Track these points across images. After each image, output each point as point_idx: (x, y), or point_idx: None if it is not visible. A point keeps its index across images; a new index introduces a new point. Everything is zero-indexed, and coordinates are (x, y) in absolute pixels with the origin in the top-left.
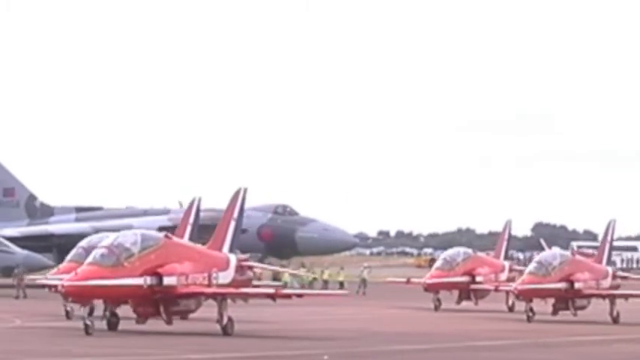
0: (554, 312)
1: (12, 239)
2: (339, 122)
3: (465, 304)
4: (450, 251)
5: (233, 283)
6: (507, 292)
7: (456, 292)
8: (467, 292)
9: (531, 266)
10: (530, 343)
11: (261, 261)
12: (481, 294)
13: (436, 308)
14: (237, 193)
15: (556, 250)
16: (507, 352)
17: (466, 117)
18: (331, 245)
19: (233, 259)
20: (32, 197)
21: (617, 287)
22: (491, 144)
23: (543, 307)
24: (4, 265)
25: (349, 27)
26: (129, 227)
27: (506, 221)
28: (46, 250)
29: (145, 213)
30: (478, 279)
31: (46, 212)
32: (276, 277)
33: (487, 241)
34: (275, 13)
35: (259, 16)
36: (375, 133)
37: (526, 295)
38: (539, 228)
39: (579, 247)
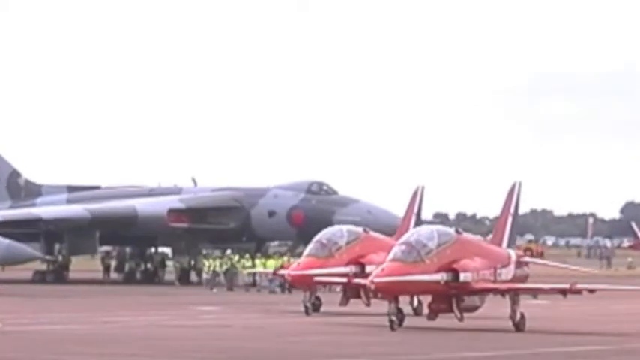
0: (432, 315)
1: None
2: (387, 91)
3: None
4: (329, 230)
5: None
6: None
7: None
8: (355, 288)
9: (397, 249)
10: (616, 350)
11: (291, 250)
12: None
13: (307, 311)
14: None
15: (434, 226)
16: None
17: (539, 83)
18: (377, 231)
19: None
20: (15, 174)
21: (523, 278)
22: (568, 115)
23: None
24: None
25: None
26: (131, 210)
27: (416, 187)
28: (32, 238)
29: (152, 193)
30: (370, 269)
31: (32, 192)
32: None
33: (568, 225)
34: None
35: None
36: (431, 102)
37: (388, 292)
38: (630, 209)
39: None
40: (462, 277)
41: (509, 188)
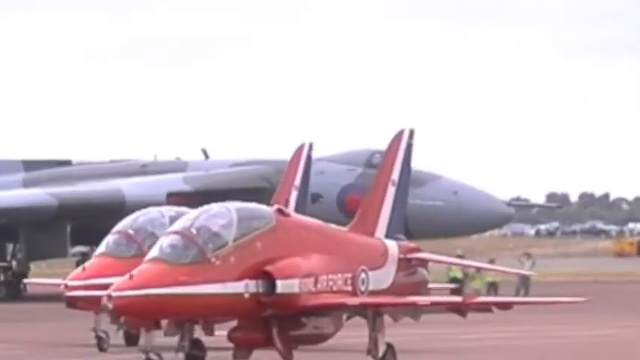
0: (239, 351)
1: None
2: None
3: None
4: (142, 214)
5: None
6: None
7: None
8: None
9: (162, 242)
10: None
11: None
12: None
13: (101, 344)
14: None
15: (232, 204)
16: None
17: None
18: (468, 219)
19: None
20: None
21: (417, 287)
22: None
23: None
24: None
25: None
26: (116, 194)
27: (300, 144)
28: None
29: (145, 169)
30: None
31: None
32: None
33: None
34: None
35: None
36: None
37: (139, 315)
38: None
39: None
40: (281, 286)
41: (393, 137)
